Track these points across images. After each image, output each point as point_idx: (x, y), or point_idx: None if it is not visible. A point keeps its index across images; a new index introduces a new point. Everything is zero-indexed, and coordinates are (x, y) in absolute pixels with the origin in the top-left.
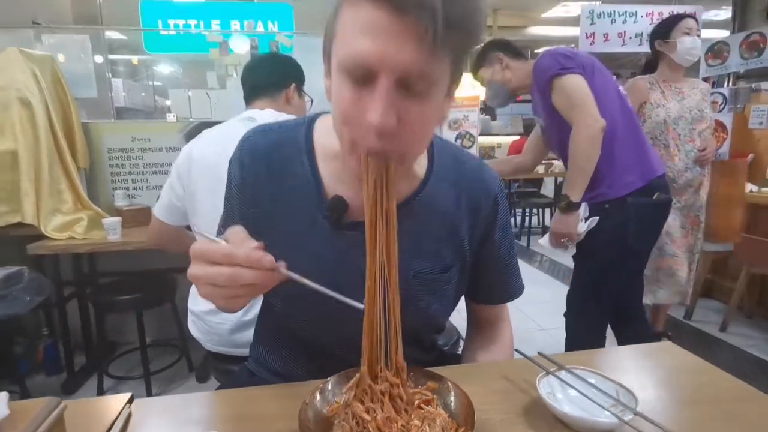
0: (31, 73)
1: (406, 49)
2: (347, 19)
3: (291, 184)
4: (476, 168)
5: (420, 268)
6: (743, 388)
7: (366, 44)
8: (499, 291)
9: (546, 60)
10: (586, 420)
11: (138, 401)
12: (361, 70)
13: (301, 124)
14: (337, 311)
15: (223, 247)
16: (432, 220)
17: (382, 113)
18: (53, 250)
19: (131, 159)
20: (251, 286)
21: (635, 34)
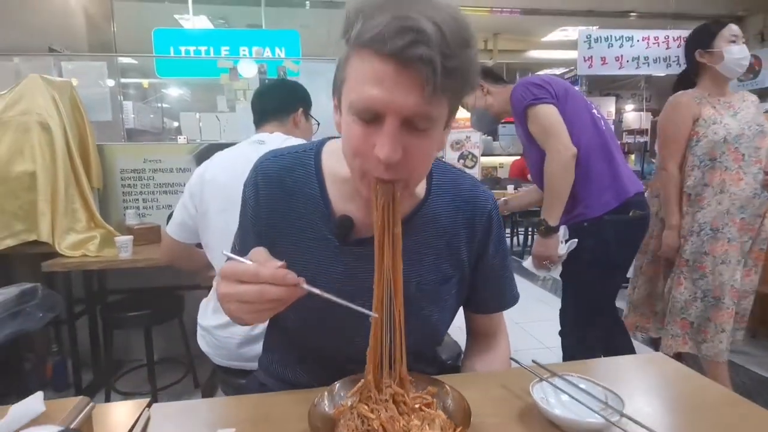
0: (51, 99)
1: (410, 96)
2: (357, 67)
3: (302, 204)
4: (471, 187)
5: (422, 279)
6: (730, 396)
7: (375, 92)
8: (494, 301)
9: (519, 90)
10: (576, 422)
11: (156, 405)
12: (371, 113)
13: (310, 149)
14: (346, 324)
15: (250, 267)
16: (432, 235)
17: (389, 149)
18: (67, 267)
19: (142, 179)
20: (276, 302)
21: (632, 58)
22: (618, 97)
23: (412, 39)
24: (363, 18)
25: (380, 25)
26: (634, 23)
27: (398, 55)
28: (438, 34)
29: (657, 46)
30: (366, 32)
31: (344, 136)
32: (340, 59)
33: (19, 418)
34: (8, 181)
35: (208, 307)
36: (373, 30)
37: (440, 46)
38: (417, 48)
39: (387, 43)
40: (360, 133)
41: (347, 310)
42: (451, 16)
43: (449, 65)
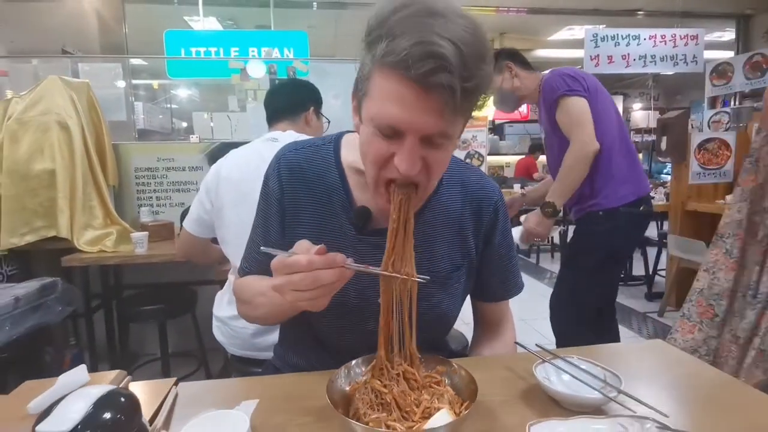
0: (69, 99)
1: (430, 118)
2: (379, 85)
3: (322, 193)
4: (478, 179)
5: (433, 267)
6: (723, 377)
7: (396, 111)
8: (500, 289)
9: (555, 80)
10: (576, 397)
11: (182, 384)
12: (391, 129)
13: (328, 143)
14: (359, 313)
15: (303, 258)
16: (442, 225)
17: (409, 165)
18: (86, 263)
19: (156, 177)
20: (330, 286)
21: (639, 56)
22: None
23: (434, 66)
24: (387, 37)
25: (404, 50)
26: (641, 22)
27: (420, 80)
28: (458, 57)
29: (664, 44)
30: (390, 54)
31: (363, 143)
32: (362, 68)
33: (67, 385)
34: (29, 178)
35: (223, 299)
36: (397, 54)
37: (460, 69)
38: (439, 75)
39: (411, 69)
40: (380, 144)
41: (361, 300)
42: (470, 32)
43: (468, 86)
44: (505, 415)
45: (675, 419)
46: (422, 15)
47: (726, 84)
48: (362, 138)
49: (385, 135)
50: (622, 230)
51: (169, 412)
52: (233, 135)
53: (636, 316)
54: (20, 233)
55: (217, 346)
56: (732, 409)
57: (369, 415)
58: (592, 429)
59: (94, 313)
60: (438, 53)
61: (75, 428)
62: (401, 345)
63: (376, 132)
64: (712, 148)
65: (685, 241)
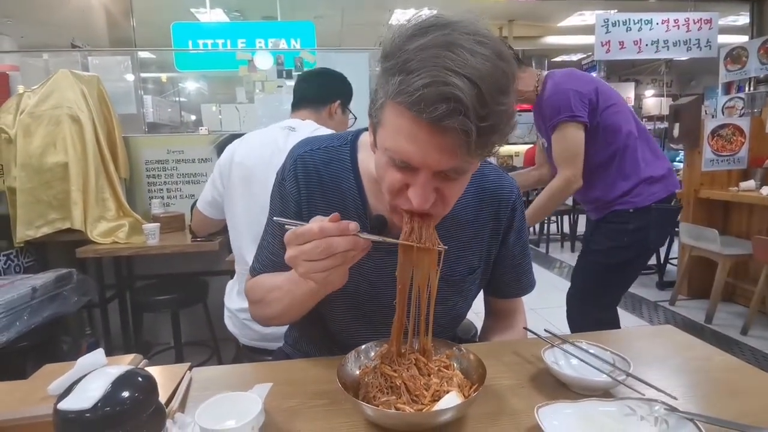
0: (80, 92)
1: (444, 157)
2: (393, 119)
3: (339, 198)
4: (496, 178)
5: (448, 271)
6: (733, 361)
7: (410, 149)
8: (513, 287)
9: (560, 97)
10: (585, 381)
11: (197, 369)
12: (404, 164)
13: (344, 144)
14: (367, 305)
15: (314, 225)
16: (458, 228)
17: (421, 200)
18: (100, 254)
19: (166, 170)
20: (345, 254)
21: (651, 41)
22: (637, 82)
23: (449, 109)
24: (401, 72)
25: (418, 91)
26: (653, 6)
27: (434, 123)
28: (474, 97)
29: (677, 29)
30: (404, 93)
31: (379, 168)
32: (377, 92)
33: (86, 367)
34: (42, 172)
35: (233, 290)
36: (410, 95)
37: (476, 110)
38: (454, 118)
39: (424, 112)
40: (394, 174)
41: (374, 294)
42: (490, 64)
43: (484, 126)
44: (513, 398)
45: (684, 402)
46: (439, 46)
47: (740, 69)
48: (377, 162)
49: (399, 167)
50: (655, 227)
51: (184, 395)
52: (242, 126)
53: (647, 305)
54: (36, 225)
55: (229, 335)
56: (741, 392)
57: (379, 398)
58: (601, 411)
59: (109, 303)
60: (452, 96)
61: (95, 405)
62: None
63: (390, 161)
64: (725, 134)
65: (697, 229)
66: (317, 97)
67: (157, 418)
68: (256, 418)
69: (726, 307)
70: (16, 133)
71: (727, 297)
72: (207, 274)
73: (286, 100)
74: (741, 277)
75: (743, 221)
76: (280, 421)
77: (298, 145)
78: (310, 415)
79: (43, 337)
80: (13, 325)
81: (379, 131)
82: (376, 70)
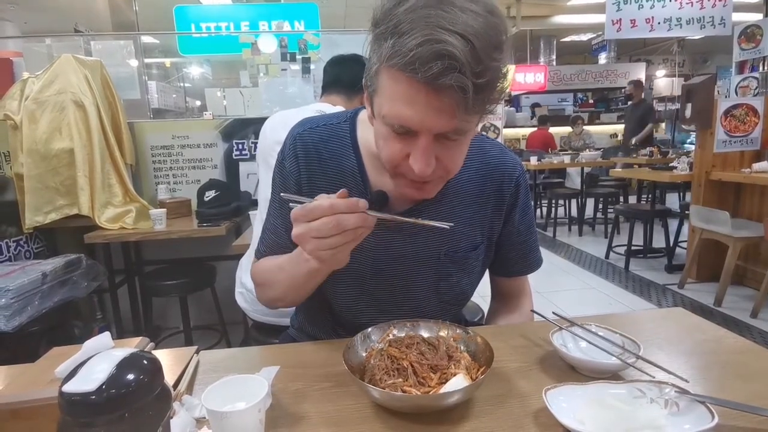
0: (83, 78)
1: (443, 117)
2: (389, 84)
3: (339, 175)
4: (499, 153)
5: (451, 247)
6: (745, 343)
7: (408, 112)
8: (519, 264)
9: None
10: (594, 363)
11: (204, 352)
12: (403, 129)
13: (344, 121)
14: (370, 282)
15: (325, 201)
16: (461, 203)
17: (423, 165)
18: (108, 239)
19: (172, 155)
20: (354, 231)
21: (663, 19)
22: (649, 62)
23: (443, 67)
24: (394, 35)
25: (411, 51)
26: None
27: (430, 82)
28: (469, 54)
29: (690, 6)
30: (397, 56)
31: (378, 138)
32: (370, 61)
33: (92, 350)
34: (49, 158)
35: (247, 264)
36: (404, 56)
37: (471, 66)
38: (449, 76)
39: (419, 71)
40: (393, 143)
41: (377, 270)
42: (482, 20)
43: (480, 82)
44: (521, 380)
45: (695, 385)
46: (429, 6)
47: (755, 48)
48: (376, 133)
49: (398, 133)
50: None
51: (192, 377)
52: (246, 111)
53: (655, 288)
54: (44, 211)
55: (237, 319)
56: (753, 374)
57: (385, 380)
58: (610, 393)
59: (119, 288)
60: (446, 53)
61: (100, 388)
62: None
63: (389, 130)
64: (739, 114)
65: (708, 211)
66: (352, 83)
67: (163, 400)
68: (263, 401)
69: (735, 290)
70: (22, 119)
71: (736, 280)
72: (215, 259)
73: (290, 83)
74: (752, 260)
75: (755, 203)
76: (287, 404)
77: (298, 125)
78: (316, 397)
79: (54, 322)
80: (24, 309)
81: (375, 100)
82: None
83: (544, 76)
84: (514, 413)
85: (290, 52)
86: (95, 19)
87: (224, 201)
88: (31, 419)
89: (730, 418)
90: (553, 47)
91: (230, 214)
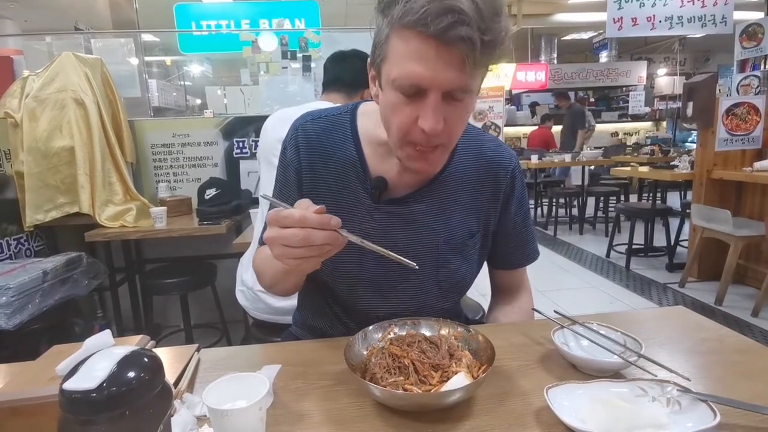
0: (84, 76)
1: (452, 72)
2: (399, 46)
3: (340, 165)
4: (494, 146)
5: (449, 235)
6: (747, 342)
7: (419, 69)
8: (516, 256)
9: None
10: (595, 362)
11: (205, 350)
12: (414, 88)
13: (345, 113)
14: (371, 268)
15: (297, 212)
16: (458, 191)
17: (434, 122)
18: (108, 237)
19: (172, 153)
20: (320, 248)
21: (665, 18)
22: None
23: (453, 20)
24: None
25: (422, 7)
26: None
27: (440, 36)
28: (475, 10)
29: (692, 4)
30: (408, 14)
31: (385, 108)
32: (378, 35)
33: (93, 348)
34: (49, 156)
35: (250, 264)
36: (416, 12)
37: (478, 22)
38: (458, 29)
39: (430, 25)
40: (403, 107)
41: (382, 268)
42: None
43: (486, 39)
44: (522, 379)
45: (696, 383)
46: None
47: (756, 46)
48: (384, 105)
49: (408, 95)
50: None
51: (192, 375)
52: (247, 109)
53: (656, 287)
54: (45, 210)
55: (237, 317)
56: (754, 373)
57: (386, 379)
58: (611, 392)
59: (119, 286)
60: (455, 7)
61: (100, 386)
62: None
63: (398, 95)
64: (740, 113)
65: (709, 210)
66: (354, 80)
67: (164, 398)
68: (264, 399)
69: (736, 289)
70: (22, 117)
71: (737, 279)
72: (215, 257)
73: (290, 81)
74: (753, 259)
75: (756, 202)
76: (288, 402)
77: (300, 117)
78: (318, 395)
79: (55, 320)
80: (25, 307)
81: (384, 68)
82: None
83: (545, 75)
84: (516, 412)
85: (291, 51)
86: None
87: (225, 199)
88: (31, 417)
89: (732, 417)
90: (554, 45)
91: (231, 212)
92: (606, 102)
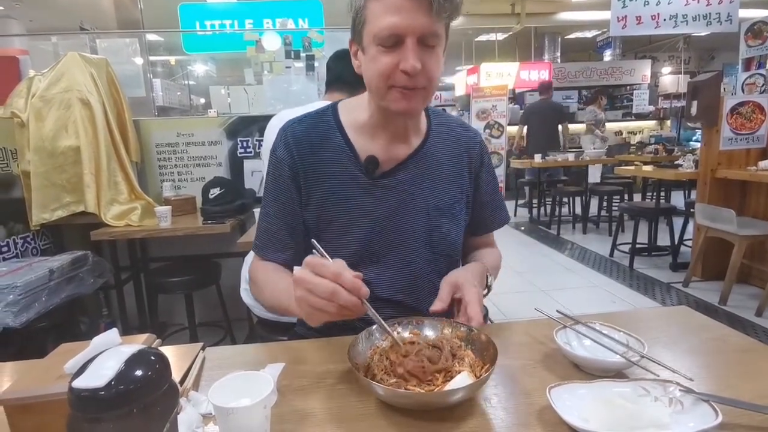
0: (89, 75)
1: (422, 17)
2: (375, 7)
3: (330, 153)
4: (461, 125)
5: (437, 201)
6: (750, 342)
7: (396, 19)
8: (490, 220)
9: None
10: (598, 362)
11: (210, 349)
12: (394, 38)
13: (326, 110)
14: (375, 242)
15: (333, 265)
16: (439, 163)
17: (413, 61)
18: (114, 236)
19: (177, 153)
20: (341, 308)
21: (669, 16)
22: (654, 59)
23: None
24: None
25: None
26: None
27: None
28: None
29: (697, 2)
30: None
31: (368, 65)
32: (356, 9)
33: (100, 346)
34: (55, 155)
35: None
36: None
37: None
38: None
39: None
40: (384, 58)
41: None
42: None
43: None
44: (525, 378)
45: (699, 383)
46: None
47: (762, 44)
48: (367, 63)
49: (388, 46)
50: None
51: (198, 374)
52: (250, 108)
53: (660, 287)
54: (51, 209)
55: (242, 316)
56: (757, 373)
57: (387, 380)
58: (614, 392)
59: (125, 284)
60: None
61: (109, 384)
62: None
63: (379, 49)
64: (745, 111)
65: (713, 209)
66: (355, 79)
67: (171, 396)
68: (269, 397)
69: (740, 289)
70: (28, 117)
71: (741, 278)
72: (219, 256)
73: (294, 81)
74: (757, 259)
75: (761, 201)
76: (293, 400)
77: (284, 124)
78: (322, 394)
79: (61, 318)
80: (31, 306)
81: (365, 32)
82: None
83: (548, 74)
84: (518, 411)
85: (294, 50)
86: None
87: (229, 198)
88: (40, 414)
89: (735, 417)
90: (558, 44)
91: (235, 211)
92: (610, 101)
